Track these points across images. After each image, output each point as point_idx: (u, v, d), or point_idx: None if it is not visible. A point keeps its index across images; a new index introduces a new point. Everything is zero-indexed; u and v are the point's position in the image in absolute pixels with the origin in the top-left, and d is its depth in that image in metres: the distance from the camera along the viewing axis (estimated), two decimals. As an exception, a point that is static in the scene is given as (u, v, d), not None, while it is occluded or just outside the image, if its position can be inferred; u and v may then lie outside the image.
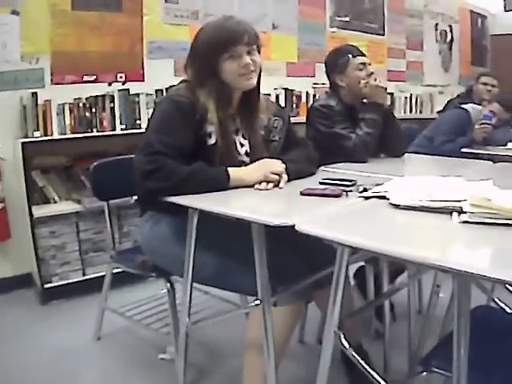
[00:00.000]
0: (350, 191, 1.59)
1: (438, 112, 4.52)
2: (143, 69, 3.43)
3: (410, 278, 1.99)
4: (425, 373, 1.34)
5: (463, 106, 3.69)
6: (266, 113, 1.91)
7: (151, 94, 3.36)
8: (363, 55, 2.43)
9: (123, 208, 3.09)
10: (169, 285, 2.06)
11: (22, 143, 2.78)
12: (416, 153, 2.85)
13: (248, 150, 1.85)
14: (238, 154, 1.82)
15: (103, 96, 3.15)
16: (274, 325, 1.56)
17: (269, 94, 3.68)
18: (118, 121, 3.20)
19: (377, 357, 1.93)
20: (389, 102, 3.75)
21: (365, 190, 1.57)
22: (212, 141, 1.72)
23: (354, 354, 1.42)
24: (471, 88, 4.17)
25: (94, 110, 3.10)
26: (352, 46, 2.52)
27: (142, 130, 3.24)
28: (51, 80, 3.05)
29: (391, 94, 4.99)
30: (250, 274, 1.52)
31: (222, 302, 2.51)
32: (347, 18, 4.77)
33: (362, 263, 2.32)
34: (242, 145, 1.84)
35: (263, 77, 1.85)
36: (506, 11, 6.55)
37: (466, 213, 1.24)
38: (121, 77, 3.32)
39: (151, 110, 1.80)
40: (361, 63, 2.38)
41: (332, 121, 2.33)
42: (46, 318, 2.68)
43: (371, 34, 5.04)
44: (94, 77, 3.21)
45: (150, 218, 1.84)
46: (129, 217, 3.15)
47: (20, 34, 2.91)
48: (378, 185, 1.59)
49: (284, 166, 1.73)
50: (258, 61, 1.77)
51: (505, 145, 3.50)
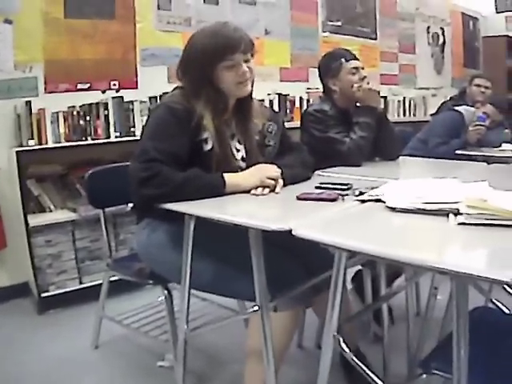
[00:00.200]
0: (346, 195, 1.59)
1: (432, 115, 4.54)
2: (137, 76, 3.43)
3: (407, 280, 1.98)
4: (424, 375, 1.34)
5: (456, 108, 3.71)
6: (260, 118, 1.91)
7: (145, 102, 3.37)
8: (356, 59, 2.43)
9: (119, 216, 3.08)
10: (166, 292, 2.05)
11: (17, 152, 2.77)
12: (411, 155, 2.86)
13: (244, 155, 1.84)
14: (235, 159, 1.81)
15: (97, 104, 3.16)
16: (274, 331, 1.55)
17: (262, 100, 3.68)
18: (112, 128, 3.20)
19: (376, 360, 1.93)
20: (382, 106, 3.77)
21: (361, 193, 1.57)
22: (208, 147, 1.71)
23: (353, 357, 1.42)
24: (464, 90, 4.19)
25: (88, 118, 3.10)
26: (345, 50, 2.52)
27: (137, 138, 3.24)
28: (45, 88, 3.05)
29: (384, 97, 5.01)
30: (247, 280, 1.52)
31: (220, 308, 2.51)
32: (339, 23, 4.79)
33: (360, 267, 2.32)
34: (237, 150, 1.84)
35: (257, 82, 1.86)
36: (497, 13, 6.60)
37: (462, 214, 1.24)
38: (114, 84, 3.32)
39: (145, 118, 1.80)
40: (354, 67, 2.39)
41: (326, 125, 2.33)
42: (43, 328, 2.67)
43: (363, 38, 5.06)
44: (88, 85, 3.21)
45: (147, 225, 1.84)
46: (125, 224, 3.15)
47: (13, 43, 2.90)
48: (373, 188, 1.59)
49: (280, 170, 1.74)
50: (252, 68, 1.77)
51: (499, 146, 3.52)
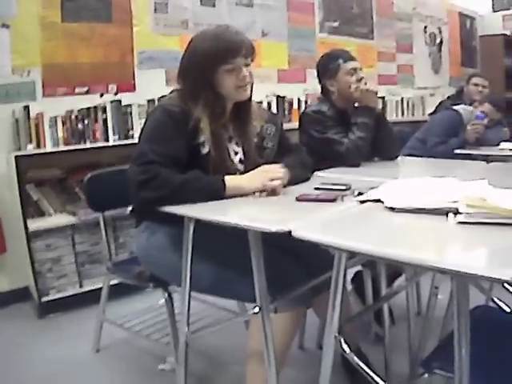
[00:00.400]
0: (346, 195, 1.59)
1: (430, 114, 4.54)
2: (134, 79, 3.43)
3: (407, 280, 1.98)
4: (426, 375, 1.34)
5: (454, 107, 3.71)
6: (258, 120, 1.90)
7: (143, 105, 3.37)
8: (354, 60, 2.43)
9: (118, 219, 3.08)
10: (167, 295, 2.04)
11: (16, 157, 2.77)
12: (409, 155, 2.87)
13: (242, 158, 1.84)
14: (232, 162, 1.81)
15: (95, 107, 3.16)
16: (275, 332, 1.55)
17: (260, 102, 3.69)
18: (110, 132, 3.21)
19: (377, 360, 1.92)
20: (380, 106, 3.77)
21: (360, 193, 1.57)
22: (205, 150, 1.70)
23: (355, 358, 1.42)
24: (462, 89, 4.20)
25: (86, 122, 3.11)
26: (343, 50, 2.52)
27: (135, 141, 3.23)
28: (43, 93, 3.04)
29: (382, 97, 5.01)
30: (248, 282, 1.52)
31: (220, 310, 2.50)
32: (336, 24, 4.79)
33: (359, 268, 2.32)
34: (236, 153, 1.84)
35: (255, 84, 1.84)
36: (494, 12, 6.61)
37: (461, 213, 1.24)
38: (112, 88, 3.32)
39: (143, 121, 1.80)
40: (351, 68, 2.38)
41: (324, 126, 2.33)
42: (44, 332, 2.67)
43: (360, 38, 5.06)
44: (86, 88, 3.21)
45: (146, 228, 1.83)
46: (124, 228, 3.15)
47: (10, 48, 2.90)
48: (372, 188, 1.59)
49: (283, 170, 1.70)
50: (252, 72, 1.77)
51: (497, 145, 3.52)
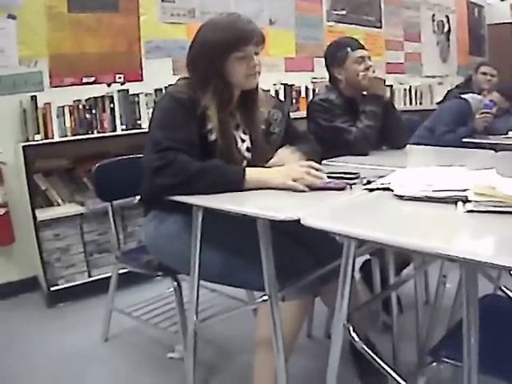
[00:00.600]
0: (354, 184, 1.59)
1: (438, 103, 4.51)
2: (142, 69, 3.43)
3: (416, 269, 1.98)
4: (434, 363, 1.33)
5: (463, 96, 3.68)
6: (265, 106, 1.90)
7: (150, 94, 3.37)
8: (363, 48, 2.41)
9: (127, 208, 3.09)
10: (175, 283, 2.05)
11: (23, 147, 2.78)
12: (417, 144, 2.85)
13: (249, 146, 1.84)
14: (239, 150, 1.80)
15: (103, 97, 3.16)
16: (283, 320, 1.55)
17: (268, 90, 3.67)
18: (118, 121, 3.21)
19: (386, 349, 1.93)
20: (388, 95, 3.75)
21: (369, 182, 1.57)
22: (213, 137, 1.69)
23: (363, 346, 1.42)
24: (470, 78, 4.17)
25: (93, 112, 3.11)
26: (352, 38, 2.50)
27: (143, 130, 3.26)
28: (50, 83, 3.05)
29: (390, 86, 4.99)
30: (256, 270, 1.52)
31: (229, 298, 2.51)
32: (344, 12, 4.76)
33: (368, 256, 2.32)
34: (243, 140, 1.83)
35: (262, 73, 1.82)
36: (501, 0, 6.54)
37: (470, 202, 1.24)
38: (119, 77, 3.32)
39: (151, 110, 1.79)
40: (359, 56, 2.37)
41: (332, 114, 2.32)
42: (53, 321, 2.69)
43: (368, 26, 5.03)
44: (93, 78, 3.21)
45: (154, 217, 1.84)
46: (133, 217, 3.16)
47: (17, 38, 2.90)
48: (381, 177, 1.59)
49: (308, 169, 1.60)
50: (261, 61, 1.75)
51: (506, 134, 3.50)
